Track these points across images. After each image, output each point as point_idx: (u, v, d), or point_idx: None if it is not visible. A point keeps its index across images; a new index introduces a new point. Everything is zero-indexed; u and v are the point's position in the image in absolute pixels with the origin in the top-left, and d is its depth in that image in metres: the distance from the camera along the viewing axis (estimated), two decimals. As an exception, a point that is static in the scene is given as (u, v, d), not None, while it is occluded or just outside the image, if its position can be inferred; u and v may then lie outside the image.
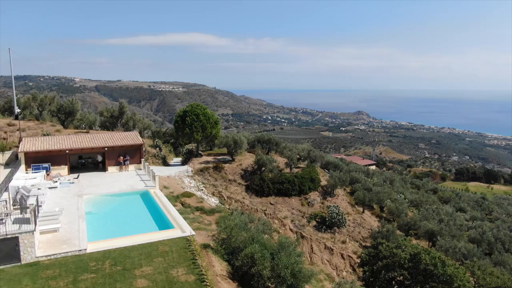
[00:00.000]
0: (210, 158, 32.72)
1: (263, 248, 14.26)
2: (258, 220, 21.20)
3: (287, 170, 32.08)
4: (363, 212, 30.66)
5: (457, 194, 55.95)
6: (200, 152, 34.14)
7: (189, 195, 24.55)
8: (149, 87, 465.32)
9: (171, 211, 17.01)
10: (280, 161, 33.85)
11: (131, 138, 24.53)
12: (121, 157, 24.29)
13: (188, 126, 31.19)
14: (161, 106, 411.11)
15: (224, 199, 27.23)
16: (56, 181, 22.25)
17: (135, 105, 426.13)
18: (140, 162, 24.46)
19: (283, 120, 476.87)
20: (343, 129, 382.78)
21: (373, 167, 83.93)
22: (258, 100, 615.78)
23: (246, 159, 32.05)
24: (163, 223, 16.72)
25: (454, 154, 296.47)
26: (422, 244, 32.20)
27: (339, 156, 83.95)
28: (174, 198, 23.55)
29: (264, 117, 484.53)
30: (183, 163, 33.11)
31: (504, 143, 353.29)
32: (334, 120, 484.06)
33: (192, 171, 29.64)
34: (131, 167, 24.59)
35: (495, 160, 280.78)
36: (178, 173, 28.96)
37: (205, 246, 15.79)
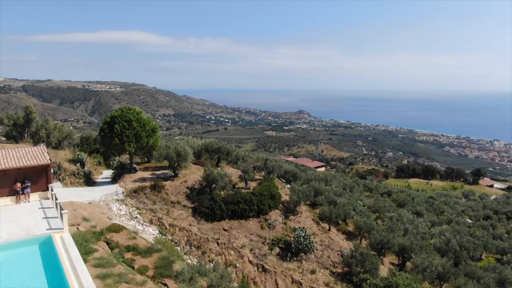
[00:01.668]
0: (147, 174, 26.74)
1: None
2: (213, 270, 15.97)
3: (242, 184, 27.20)
4: (329, 229, 26.75)
5: (409, 195, 55.11)
6: (134, 166, 27.97)
7: (117, 228, 18.60)
8: (84, 87, 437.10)
9: (82, 277, 11.12)
10: (233, 173, 28.88)
11: (34, 156, 17.84)
12: (18, 184, 17.45)
13: (117, 136, 24.96)
14: (97, 107, 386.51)
15: (166, 228, 21.60)
16: None
17: (68, 106, 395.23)
18: (48, 189, 17.89)
19: (226, 120, 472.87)
20: (286, 128, 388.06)
21: (323, 168, 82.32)
22: (201, 100, 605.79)
23: (192, 174, 26.59)
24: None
25: (389, 150, 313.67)
26: (391, 259, 29.28)
27: (289, 159, 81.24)
28: (97, 236, 17.52)
29: (208, 117, 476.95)
30: (114, 180, 26.75)
31: (432, 138, 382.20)
32: (277, 120, 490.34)
33: (123, 192, 23.53)
34: (34, 197, 17.83)
35: (425, 154, 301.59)
36: (105, 197, 22.70)
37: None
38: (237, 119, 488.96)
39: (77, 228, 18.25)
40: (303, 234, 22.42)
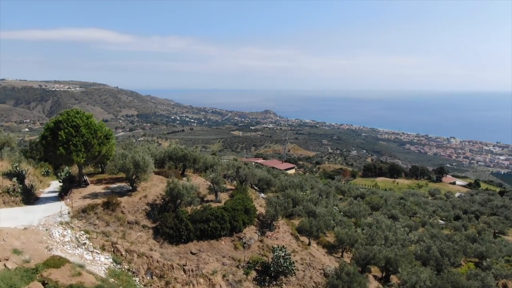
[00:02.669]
0: (100, 188, 22.90)
1: None
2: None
3: (211, 196, 24.03)
4: (309, 244, 24.18)
5: (382, 197, 54.09)
6: (85, 178, 24.02)
7: (58, 262, 14.92)
8: (40, 86, 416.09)
9: None
10: (201, 183, 25.65)
11: None
12: None
13: (62, 144, 21.03)
14: (55, 107, 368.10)
15: (121, 255, 18.07)
16: None
17: (23, 106, 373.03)
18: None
19: (192, 120, 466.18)
20: (253, 128, 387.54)
21: (293, 170, 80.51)
22: (165, 100, 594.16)
23: (154, 187, 23.09)
24: None
25: (353, 148, 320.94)
26: (373, 271, 27.26)
27: (258, 161, 78.75)
28: (29, 274, 13.80)
29: (173, 117, 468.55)
30: (60, 196, 22.73)
31: (393, 137, 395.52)
32: (243, 120, 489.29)
33: (69, 212, 19.69)
34: None
35: (387, 152, 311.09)
36: (46, 219, 18.77)
37: None
38: (203, 119, 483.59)
39: (4, 265, 14.44)
40: (283, 254, 19.66)
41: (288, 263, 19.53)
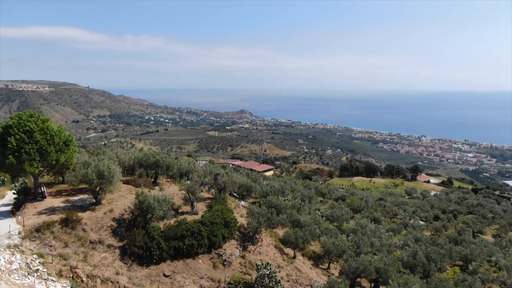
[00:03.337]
0: (59, 201, 20.13)
1: None
2: None
3: (187, 207, 21.74)
4: (294, 257, 22.32)
5: (362, 199, 53.09)
6: (42, 190, 21.15)
7: (0, 299, 12.36)
8: (7, 86, 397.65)
9: None
10: (175, 193, 23.30)
11: None
12: None
13: (13, 152, 18.19)
14: (23, 108, 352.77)
15: (82, 281, 15.54)
16: None
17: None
18: None
19: (167, 120, 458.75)
20: (229, 128, 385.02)
21: (271, 172, 78.86)
22: (139, 100, 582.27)
23: (121, 199, 20.56)
24: None
25: (328, 147, 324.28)
26: (363, 282, 25.75)
27: (236, 163, 76.54)
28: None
29: (146, 117, 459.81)
30: (14, 209, 19.77)
31: (367, 135, 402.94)
32: (219, 120, 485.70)
33: (19, 232, 16.92)
34: None
35: (361, 151, 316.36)
36: (-11, 242, 15.97)
37: None
38: (178, 120, 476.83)
39: None
40: (268, 273, 17.66)
41: (274, 283, 17.55)
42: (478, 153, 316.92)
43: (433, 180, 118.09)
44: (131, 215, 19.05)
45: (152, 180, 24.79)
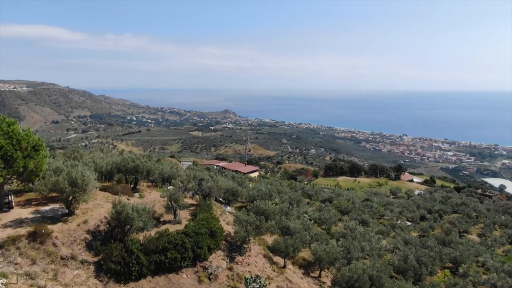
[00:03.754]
0: (27, 212, 18.31)
1: None
2: None
3: (169, 216, 20.25)
4: (284, 266, 21.13)
5: (349, 200, 52.46)
6: (10, 199, 19.29)
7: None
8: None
9: None
10: (156, 199, 21.76)
11: None
12: None
13: (-27, 159, 16.32)
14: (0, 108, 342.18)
15: (51, 303, 13.92)
16: None
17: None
18: None
19: (149, 120, 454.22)
20: (212, 128, 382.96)
21: (256, 173, 77.67)
22: (120, 100, 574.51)
23: (97, 208, 18.90)
24: None
25: (312, 147, 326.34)
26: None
27: (220, 164, 75.03)
28: None
29: (128, 118, 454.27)
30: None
31: (349, 135, 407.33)
32: (202, 120, 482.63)
33: (-20, 249, 15.12)
34: None
35: (345, 150, 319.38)
36: None
37: None
38: (160, 120, 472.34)
39: None
40: (257, 286, 16.40)
41: (264, 297, 16.30)
42: (458, 151, 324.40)
43: (416, 179, 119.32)
44: (107, 226, 17.44)
45: (132, 186, 23.15)
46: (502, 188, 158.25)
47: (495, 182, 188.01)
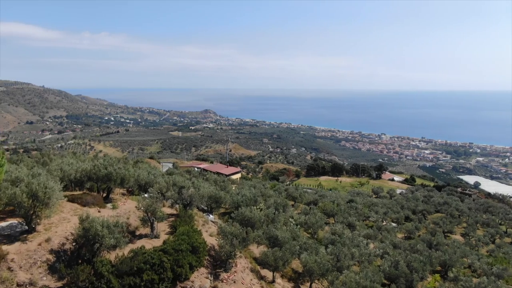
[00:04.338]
0: (-20, 229, 15.98)
1: None
2: None
3: (146, 229, 18.27)
4: (273, 281, 19.51)
5: (333, 202, 51.43)
6: (-40, 214, 16.87)
7: None
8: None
9: None
10: (131, 210, 19.71)
11: None
12: None
13: None
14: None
15: None
16: None
17: None
18: None
19: (128, 120, 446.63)
20: (193, 128, 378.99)
21: (239, 175, 75.89)
22: (98, 99, 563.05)
23: (63, 223, 16.73)
24: None
25: (293, 146, 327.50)
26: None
27: (202, 166, 72.80)
28: None
29: (106, 118, 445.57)
30: None
31: (329, 134, 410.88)
32: (182, 119, 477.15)
33: None
34: None
35: (325, 149, 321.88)
36: None
37: None
38: (139, 120, 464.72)
39: None
40: (246, 308, 14.69)
41: (252, 320, 14.61)
42: (434, 149, 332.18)
43: (397, 178, 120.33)
44: (74, 244, 15.32)
45: (104, 195, 21.01)
46: (476, 185, 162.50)
47: (470, 179, 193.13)
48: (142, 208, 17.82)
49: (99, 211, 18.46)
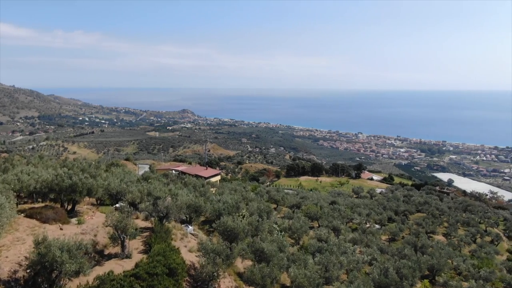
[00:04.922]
0: None
1: None
2: None
3: (116, 248, 16.09)
4: (260, 299, 17.72)
5: (316, 204, 50.24)
6: None
7: None
8: None
9: None
10: (99, 226, 17.48)
11: None
12: None
13: None
14: None
15: None
16: None
17: None
18: None
19: (103, 121, 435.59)
20: (170, 128, 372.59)
21: (218, 177, 73.73)
22: (71, 99, 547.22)
23: (16, 245, 14.37)
24: None
25: (272, 146, 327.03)
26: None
27: (179, 168, 70.20)
28: None
29: (81, 118, 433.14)
30: None
31: (308, 133, 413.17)
32: (159, 119, 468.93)
33: None
34: None
35: (303, 149, 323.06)
36: None
37: None
38: (115, 120, 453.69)
39: None
40: None
41: None
42: (409, 148, 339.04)
43: (375, 177, 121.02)
44: (29, 271, 13.04)
45: (70, 207, 18.66)
46: (450, 182, 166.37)
47: (444, 176, 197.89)
48: (111, 224, 15.64)
49: (61, 228, 16.16)
